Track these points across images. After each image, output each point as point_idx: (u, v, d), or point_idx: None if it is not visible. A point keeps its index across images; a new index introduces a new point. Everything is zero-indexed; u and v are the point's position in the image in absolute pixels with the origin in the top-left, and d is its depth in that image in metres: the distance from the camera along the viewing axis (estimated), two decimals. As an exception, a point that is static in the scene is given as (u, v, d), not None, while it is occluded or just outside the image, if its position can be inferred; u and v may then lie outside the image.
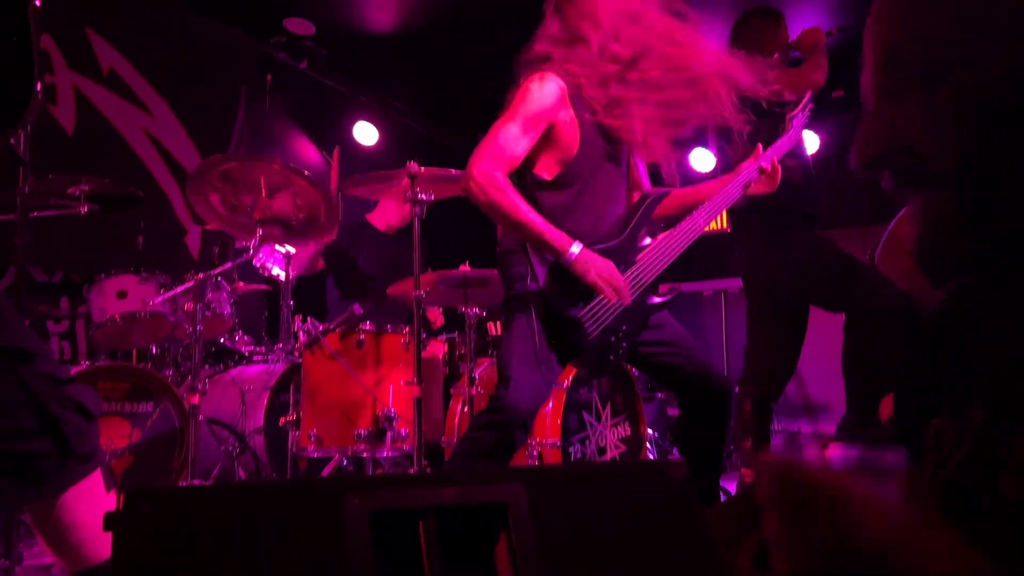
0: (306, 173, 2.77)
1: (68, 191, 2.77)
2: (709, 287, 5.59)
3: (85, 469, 1.27)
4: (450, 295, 3.45)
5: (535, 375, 2.00)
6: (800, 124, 2.48)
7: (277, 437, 3.16)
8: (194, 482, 2.73)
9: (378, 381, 2.96)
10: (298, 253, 3.68)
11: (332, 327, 2.99)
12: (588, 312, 2.02)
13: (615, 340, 2.07)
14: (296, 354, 3.20)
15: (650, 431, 3.54)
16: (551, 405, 3.07)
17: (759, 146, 2.35)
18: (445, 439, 3.30)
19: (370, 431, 2.90)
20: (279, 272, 3.50)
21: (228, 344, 3.58)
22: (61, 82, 3.89)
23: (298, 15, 4.71)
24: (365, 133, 5.51)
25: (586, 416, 3.22)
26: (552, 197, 2.09)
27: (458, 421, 3.28)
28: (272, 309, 4.27)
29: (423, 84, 5.61)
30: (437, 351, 3.52)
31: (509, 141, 2.00)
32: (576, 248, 1.97)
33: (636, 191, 2.29)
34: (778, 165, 2.33)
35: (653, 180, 2.37)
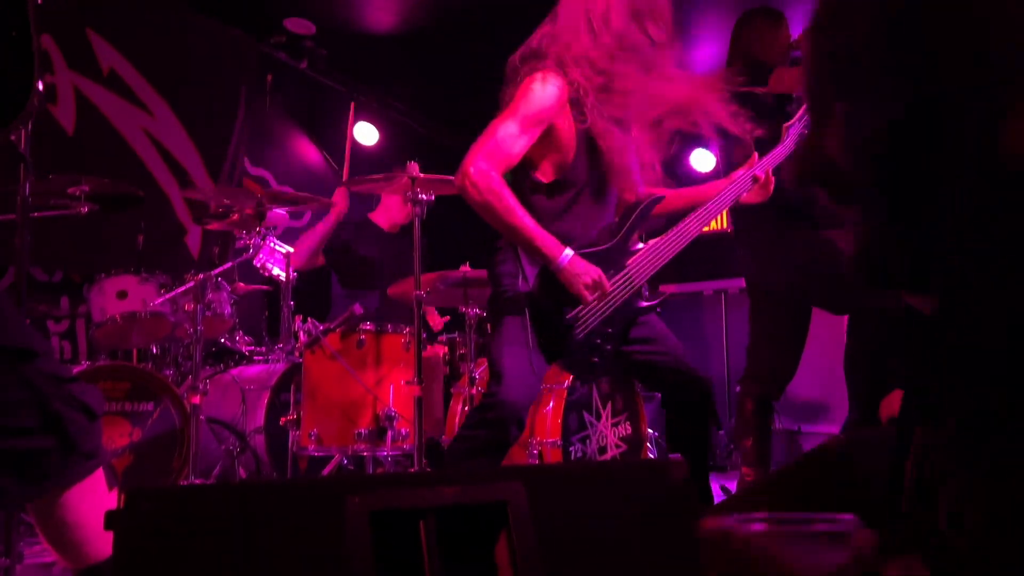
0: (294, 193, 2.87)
1: (68, 191, 2.77)
2: (709, 287, 5.58)
3: (88, 467, 1.27)
4: (450, 295, 3.45)
5: (527, 371, 2.00)
6: (795, 134, 2.48)
7: (277, 436, 3.16)
8: (195, 481, 2.73)
9: (378, 381, 2.96)
10: (299, 246, 3.69)
11: (332, 327, 3.00)
12: (576, 315, 2.02)
13: (600, 342, 2.07)
14: (296, 354, 3.20)
15: (651, 431, 3.54)
16: (552, 404, 3.07)
17: (755, 155, 2.35)
18: (445, 438, 3.30)
19: (370, 430, 2.90)
20: (279, 272, 3.50)
21: (228, 344, 3.58)
22: (61, 82, 3.89)
23: (298, 15, 4.71)
24: (365, 133, 5.51)
25: (586, 415, 3.22)
26: (547, 200, 2.08)
27: (458, 420, 3.28)
28: (272, 309, 4.26)
29: (423, 84, 5.61)
30: (437, 351, 3.52)
31: (507, 140, 1.97)
32: (567, 255, 1.96)
33: (631, 194, 2.27)
34: (771, 175, 2.33)
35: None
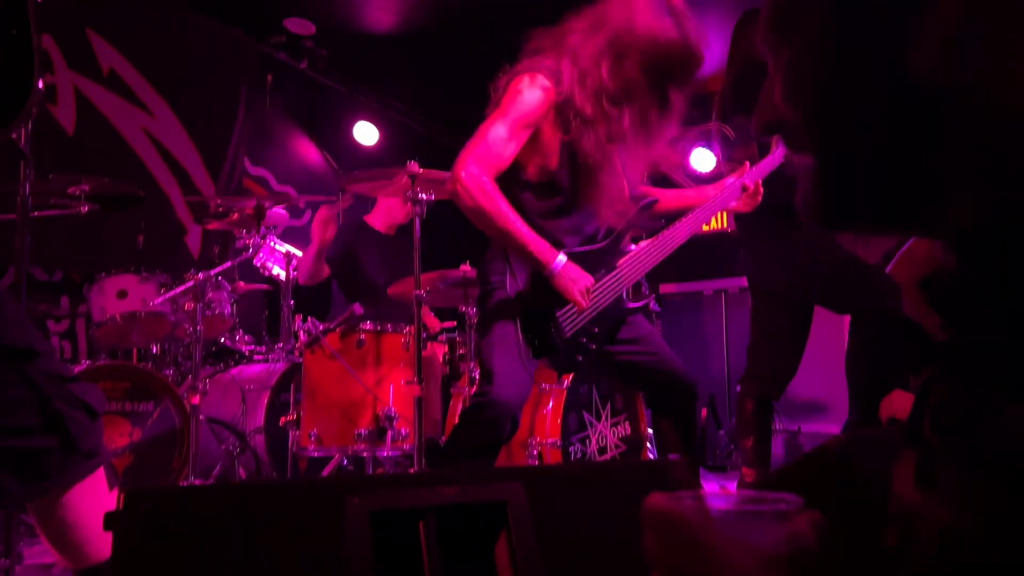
0: (292, 194, 2.86)
1: (68, 191, 2.77)
2: (709, 287, 5.58)
3: (89, 466, 1.28)
4: (450, 295, 3.45)
5: (518, 369, 1.99)
6: (784, 146, 2.49)
7: (277, 436, 3.16)
8: (194, 481, 2.73)
9: (378, 381, 2.96)
10: (300, 261, 3.70)
11: (332, 327, 3.00)
12: (565, 313, 2.02)
13: (586, 341, 2.07)
14: (296, 354, 3.20)
15: (650, 431, 3.53)
16: (551, 405, 3.07)
17: (746, 163, 2.36)
18: (445, 438, 3.30)
19: (370, 430, 2.90)
20: (279, 272, 3.50)
21: (228, 344, 3.58)
22: (61, 82, 3.89)
23: (298, 15, 4.71)
24: (365, 133, 5.51)
25: (586, 416, 3.22)
26: (537, 200, 2.06)
27: (458, 420, 3.28)
28: (272, 309, 4.27)
29: (423, 84, 5.60)
30: (437, 351, 3.52)
31: (497, 143, 1.94)
32: (560, 260, 1.94)
33: (622, 195, 2.23)
34: (760, 186, 2.33)
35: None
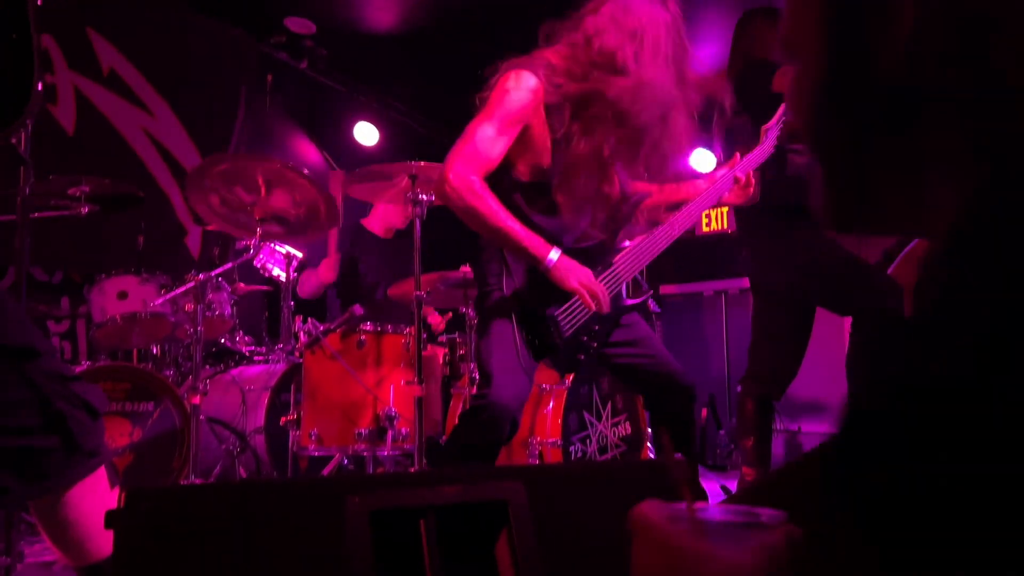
0: (305, 171, 2.80)
1: (68, 191, 2.78)
2: (709, 287, 5.58)
3: (90, 465, 1.28)
4: (450, 295, 3.45)
5: (517, 370, 1.98)
6: (774, 136, 2.48)
7: (278, 436, 3.16)
8: (195, 481, 2.73)
9: (379, 381, 2.96)
10: (303, 284, 3.72)
11: (333, 327, 3.00)
12: (564, 312, 2.00)
13: (587, 340, 2.06)
14: (297, 354, 3.20)
15: (650, 430, 3.54)
16: (552, 404, 3.07)
17: (736, 155, 2.34)
18: (445, 439, 3.30)
19: (371, 430, 2.90)
20: (279, 272, 3.50)
21: (228, 344, 3.58)
22: (61, 82, 3.89)
23: (298, 15, 4.71)
24: (365, 133, 5.51)
25: (587, 415, 3.22)
26: (527, 198, 2.05)
27: (458, 420, 3.29)
28: (272, 309, 4.27)
29: (423, 84, 5.60)
30: (437, 351, 3.52)
31: (485, 143, 1.92)
32: (554, 255, 1.93)
33: (615, 191, 2.23)
34: (752, 177, 2.31)
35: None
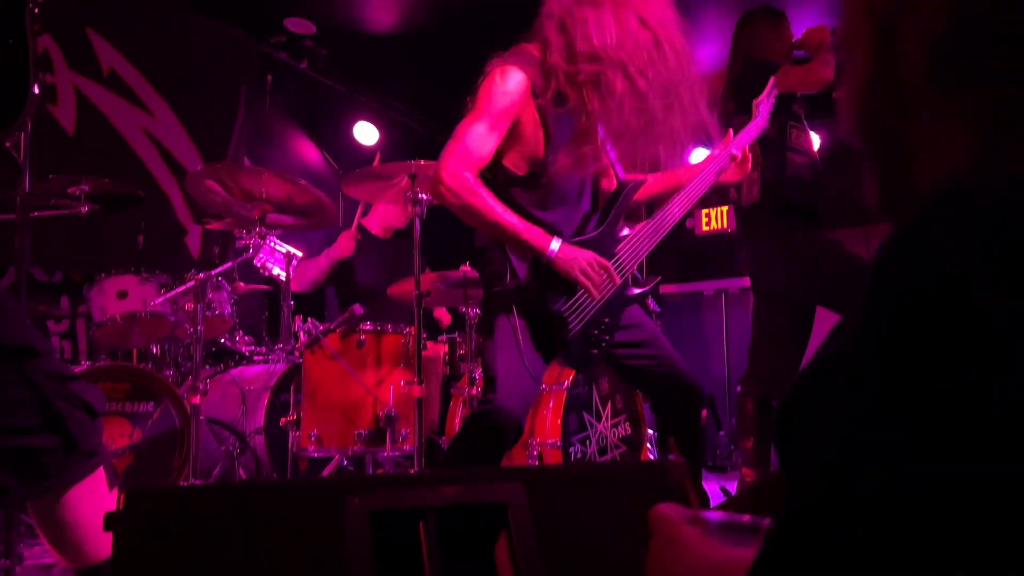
0: (301, 182, 2.86)
1: (68, 191, 2.78)
2: (709, 287, 5.59)
3: (89, 465, 1.28)
4: (450, 295, 3.45)
5: (522, 375, 1.95)
6: (767, 110, 2.44)
7: (277, 437, 3.16)
8: (194, 482, 2.73)
9: (379, 381, 2.96)
10: (300, 274, 3.71)
11: (333, 327, 2.99)
12: (570, 306, 1.97)
13: (598, 333, 2.03)
14: (296, 354, 3.20)
15: (650, 431, 3.54)
16: (551, 405, 3.07)
17: (729, 132, 2.30)
18: (445, 439, 3.30)
19: (370, 431, 2.90)
20: (279, 272, 3.50)
21: (228, 344, 3.58)
22: (61, 82, 3.89)
23: (298, 15, 4.71)
24: (365, 133, 5.51)
25: (586, 416, 3.22)
26: (525, 192, 2.03)
27: (458, 421, 3.28)
28: (272, 309, 4.26)
29: (423, 84, 5.60)
30: (438, 350, 3.52)
31: (476, 140, 1.92)
32: (556, 245, 1.92)
33: (610, 180, 2.22)
34: (748, 152, 2.28)
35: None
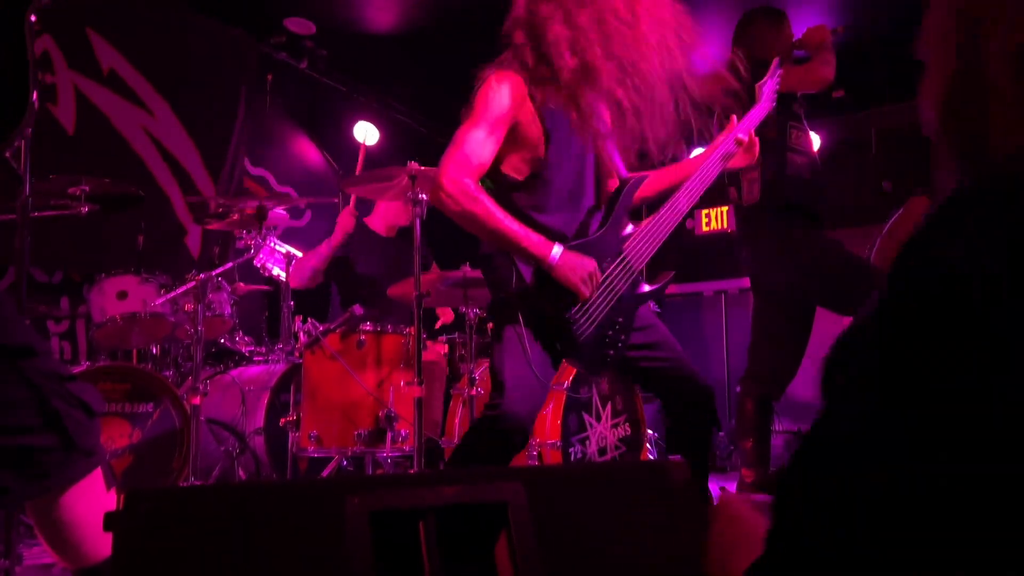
0: (293, 195, 2.86)
1: (68, 191, 2.78)
2: (709, 287, 5.59)
3: (88, 464, 1.28)
4: (450, 295, 3.45)
5: (529, 380, 1.93)
6: (771, 91, 2.39)
7: (277, 437, 3.16)
8: (194, 482, 2.73)
9: (379, 382, 2.96)
10: (300, 266, 3.69)
11: (333, 327, 2.99)
12: (580, 310, 1.94)
13: (612, 334, 2.01)
14: (296, 354, 3.20)
15: (651, 432, 3.54)
16: (551, 406, 3.07)
17: (733, 118, 2.27)
18: (445, 439, 3.30)
19: (370, 431, 2.90)
20: (279, 272, 3.50)
21: (228, 345, 3.58)
22: (61, 82, 3.89)
23: (298, 15, 4.71)
24: (365, 133, 5.51)
25: (586, 417, 3.22)
26: (526, 196, 2.02)
27: (458, 421, 3.28)
28: (272, 309, 4.26)
29: (423, 84, 5.60)
30: (438, 350, 3.52)
31: (475, 146, 1.92)
32: (556, 252, 1.90)
33: (612, 179, 2.20)
34: (755, 137, 2.24)
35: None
